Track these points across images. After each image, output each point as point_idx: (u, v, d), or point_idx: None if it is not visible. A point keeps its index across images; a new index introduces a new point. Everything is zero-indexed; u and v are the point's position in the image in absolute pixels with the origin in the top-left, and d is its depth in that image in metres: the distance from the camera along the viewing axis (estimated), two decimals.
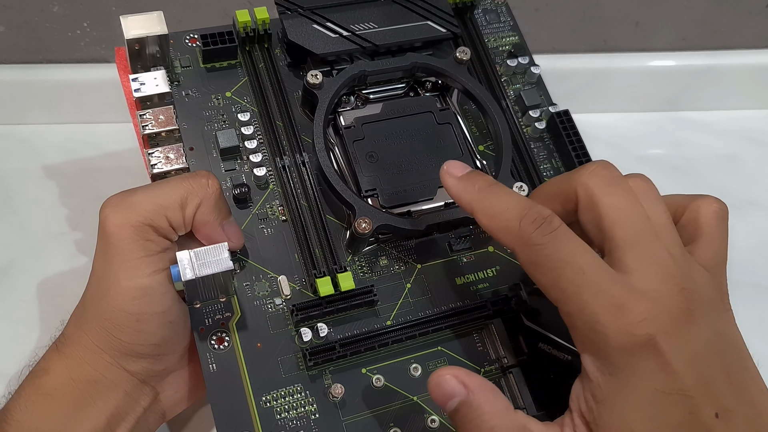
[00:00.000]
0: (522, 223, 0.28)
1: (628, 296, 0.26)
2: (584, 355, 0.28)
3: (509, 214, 0.29)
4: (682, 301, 0.27)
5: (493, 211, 0.29)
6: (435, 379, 0.29)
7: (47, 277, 0.47)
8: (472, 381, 0.28)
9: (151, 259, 0.31)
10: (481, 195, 0.30)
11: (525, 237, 0.28)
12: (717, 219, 0.31)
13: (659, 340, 0.26)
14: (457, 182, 0.31)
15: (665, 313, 0.26)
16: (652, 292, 0.27)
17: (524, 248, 0.28)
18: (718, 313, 0.28)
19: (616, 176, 0.29)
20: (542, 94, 0.43)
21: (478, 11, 0.45)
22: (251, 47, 0.40)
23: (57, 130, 0.55)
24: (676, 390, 0.26)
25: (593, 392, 0.27)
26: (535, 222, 0.28)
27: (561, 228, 0.28)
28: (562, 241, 0.28)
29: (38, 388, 0.32)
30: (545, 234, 0.28)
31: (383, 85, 0.40)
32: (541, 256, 0.28)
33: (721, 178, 0.58)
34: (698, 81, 0.60)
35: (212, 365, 0.33)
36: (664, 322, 0.26)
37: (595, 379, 0.27)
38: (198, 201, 0.32)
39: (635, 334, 0.26)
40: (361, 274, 0.36)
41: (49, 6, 0.51)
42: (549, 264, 0.27)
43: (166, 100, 0.37)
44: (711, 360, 0.27)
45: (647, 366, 0.26)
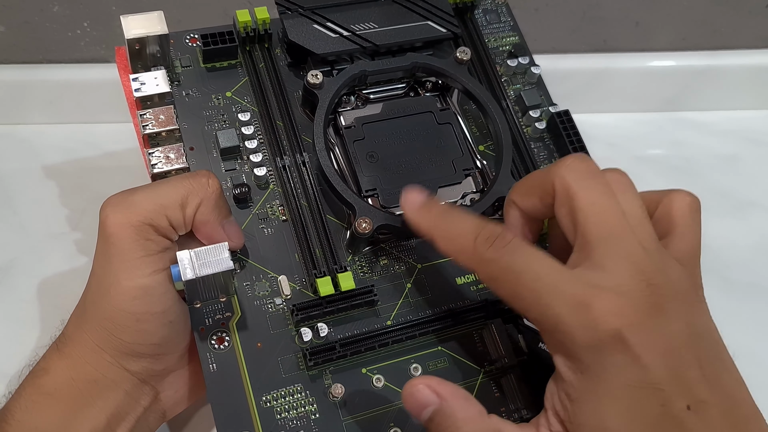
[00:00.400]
0: (477, 242, 0.29)
1: (589, 293, 0.27)
2: (555, 356, 0.28)
3: (464, 235, 0.30)
4: (650, 294, 0.27)
5: (449, 235, 0.31)
6: (408, 389, 0.29)
7: (47, 277, 0.47)
8: (444, 389, 0.29)
9: (152, 259, 0.31)
10: (437, 221, 0.31)
11: (480, 255, 0.29)
12: (690, 212, 0.31)
13: (626, 334, 0.26)
14: (415, 212, 0.32)
15: (631, 306, 0.26)
16: (617, 287, 0.27)
17: (481, 265, 0.29)
18: (691, 306, 0.28)
19: (593, 170, 0.30)
20: (542, 94, 0.43)
21: (478, 11, 0.45)
22: (251, 47, 0.40)
23: (57, 130, 0.55)
24: (646, 383, 0.26)
25: (566, 391, 0.27)
26: (488, 239, 0.29)
27: (514, 241, 0.28)
28: (516, 252, 0.28)
29: (38, 387, 0.32)
30: (498, 248, 0.28)
31: (383, 85, 0.40)
32: (497, 270, 0.28)
33: (721, 178, 0.58)
34: (698, 81, 0.60)
35: (212, 365, 0.33)
36: (630, 315, 0.26)
37: (567, 378, 0.27)
38: (198, 200, 0.32)
39: (600, 329, 0.26)
40: (361, 274, 0.36)
41: (49, 6, 0.51)
42: (506, 276, 0.28)
43: (166, 100, 0.37)
44: (682, 352, 0.27)
45: (616, 361, 0.26)
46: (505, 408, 0.35)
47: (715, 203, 0.56)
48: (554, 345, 0.28)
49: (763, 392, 0.29)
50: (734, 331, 0.30)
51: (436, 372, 0.35)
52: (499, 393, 0.35)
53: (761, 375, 0.29)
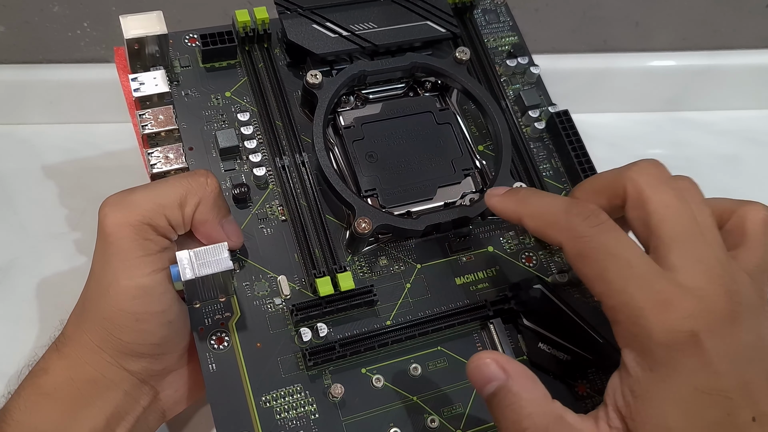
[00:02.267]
0: (569, 215, 0.29)
1: (673, 292, 0.26)
2: (625, 349, 0.28)
3: (555, 209, 0.29)
4: (727, 301, 0.27)
5: (539, 211, 0.30)
6: (475, 362, 0.29)
7: (47, 277, 0.47)
8: (512, 367, 0.28)
9: (151, 259, 0.31)
10: (525, 200, 0.31)
11: (572, 228, 0.28)
12: (764, 227, 0.31)
13: (702, 338, 0.26)
14: (501, 198, 0.32)
15: (710, 311, 0.26)
16: (697, 290, 0.26)
17: (571, 240, 0.29)
18: (760, 318, 0.28)
19: (666, 175, 0.30)
20: (542, 94, 0.43)
21: (477, 11, 0.45)
22: (251, 47, 0.40)
23: (57, 130, 0.55)
24: (716, 390, 0.26)
25: (632, 387, 0.27)
26: (581, 214, 0.28)
27: (608, 221, 0.28)
28: (609, 233, 0.28)
29: (37, 387, 0.32)
30: (592, 226, 0.28)
31: (383, 85, 0.40)
32: (588, 248, 0.28)
33: (721, 178, 0.57)
34: (698, 81, 0.60)
35: (212, 365, 0.33)
36: (709, 320, 0.26)
37: (634, 374, 0.27)
38: (197, 200, 0.32)
39: (679, 330, 0.26)
40: (360, 274, 0.36)
41: (49, 6, 0.51)
42: (596, 255, 0.28)
43: (165, 100, 0.37)
44: (752, 363, 0.26)
45: (689, 363, 0.26)
46: None
47: None
48: (626, 338, 0.27)
49: None
50: None
51: (436, 372, 0.35)
52: None
53: None
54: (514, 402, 0.28)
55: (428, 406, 0.34)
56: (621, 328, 0.28)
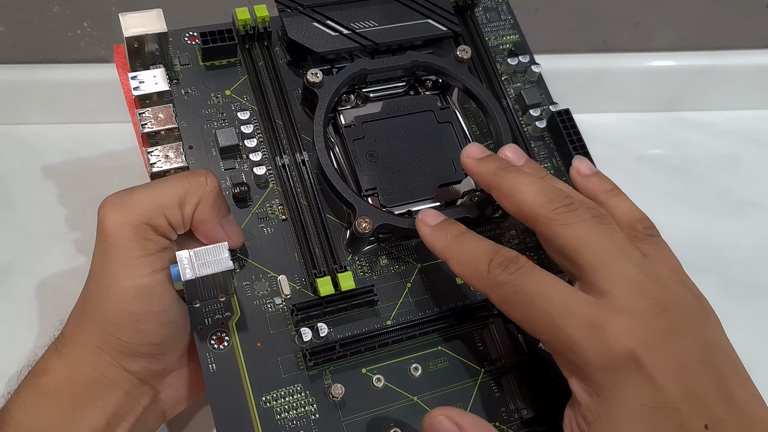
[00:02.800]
0: (491, 266, 0.29)
1: (601, 314, 0.27)
2: (570, 380, 0.28)
3: (478, 259, 0.30)
4: (660, 313, 0.27)
5: (464, 258, 0.31)
6: (428, 420, 0.29)
7: (47, 277, 0.47)
8: (465, 420, 0.28)
9: (151, 259, 0.31)
10: (453, 243, 0.32)
11: (493, 279, 0.29)
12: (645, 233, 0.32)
13: (639, 354, 0.26)
14: (431, 231, 0.33)
15: (643, 326, 0.26)
16: (627, 309, 0.27)
17: (494, 288, 0.29)
18: (701, 320, 0.28)
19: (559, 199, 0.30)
20: (543, 93, 0.43)
21: (478, 9, 0.45)
22: (251, 45, 0.40)
23: (57, 130, 0.55)
24: (663, 403, 0.26)
25: (583, 415, 0.27)
26: (501, 264, 0.29)
27: (527, 265, 0.29)
28: (528, 275, 0.29)
29: (37, 388, 0.32)
30: (511, 272, 0.29)
31: (383, 83, 0.40)
32: (509, 293, 0.29)
33: (721, 178, 0.58)
34: (698, 81, 0.60)
35: (212, 365, 0.33)
36: (643, 334, 0.26)
37: (583, 401, 0.27)
38: (197, 199, 0.32)
39: (614, 350, 0.26)
40: (361, 274, 0.36)
41: (49, 6, 0.51)
42: (518, 299, 0.29)
43: (165, 99, 0.36)
44: (698, 369, 0.26)
45: (631, 381, 0.26)
46: (505, 408, 0.35)
47: (715, 203, 0.56)
48: (568, 367, 0.28)
49: (763, 393, 0.28)
50: (734, 331, 0.30)
51: (436, 372, 0.35)
52: (499, 393, 0.35)
53: (761, 375, 0.29)
54: None
55: (429, 406, 0.34)
56: (560, 359, 0.28)
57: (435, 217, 0.33)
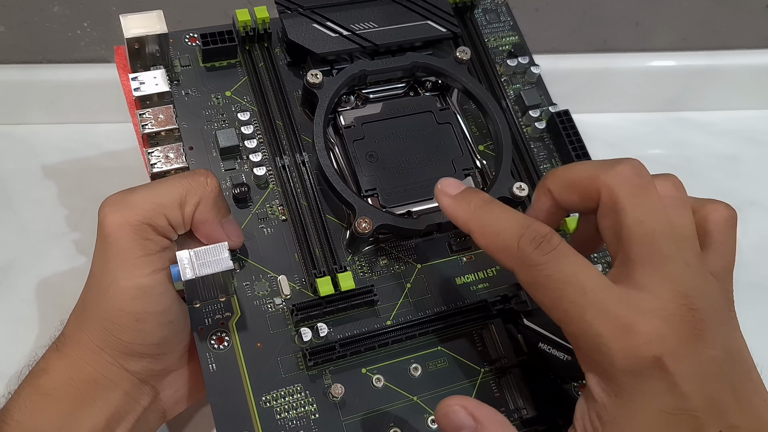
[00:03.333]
0: (520, 243, 0.27)
1: (634, 316, 0.26)
2: (589, 375, 0.27)
3: (507, 233, 0.28)
4: (691, 320, 0.26)
5: (490, 231, 0.29)
6: (443, 409, 0.28)
7: (47, 277, 0.47)
8: (481, 413, 0.28)
9: (151, 259, 0.31)
10: (477, 214, 0.29)
11: (524, 257, 0.27)
12: (727, 226, 0.30)
13: (666, 361, 0.25)
14: (452, 201, 0.30)
15: (673, 333, 0.26)
16: (660, 311, 0.26)
17: (523, 269, 0.27)
18: (726, 326, 0.28)
19: (644, 183, 0.28)
20: (542, 94, 0.43)
21: (478, 11, 0.45)
22: (251, 46, 0.40)
23: (57, 130, 0.55)
24: (682, 410, 0.25)
25: (598, 413, 0.27)
26: (534, 241, 0.27)
27: (561, 246, 0.27)
28: (563, 259, 0.27)
29: (38, 388, 0.32)
30: (545, 253, 0.27)
31: (383, 84, 0.40)
32: (541, 277, 0.27)
33: (721, 178, 0.58)
34: (698, 81, 0.60)
35: (212, 365, 0.33)
36: (672, 342, 0.25)
37: (600, 400, 0.27)
38: (197, 199, 0.32)
39: (642, 355, 0.25)
40: (361, 274, 0.36)
41: (49, 6, 0.51)
42: (550, 284, 0.27)
43: (165, 100, 0.37)
44: (718, 377, 0.26)
45: (653, 387, 0.25)
46: (505, 408, 0.35)
47: None
48: (589, 364, 0.27)
49: None
50: None
51: (436, 372, 0.35)
52: (499, 393, 0.35)
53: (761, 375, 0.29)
54: None
55: (428, 406, 0.34)
56: (583, 354, 0.27)
57: (456, 186, 0.31)
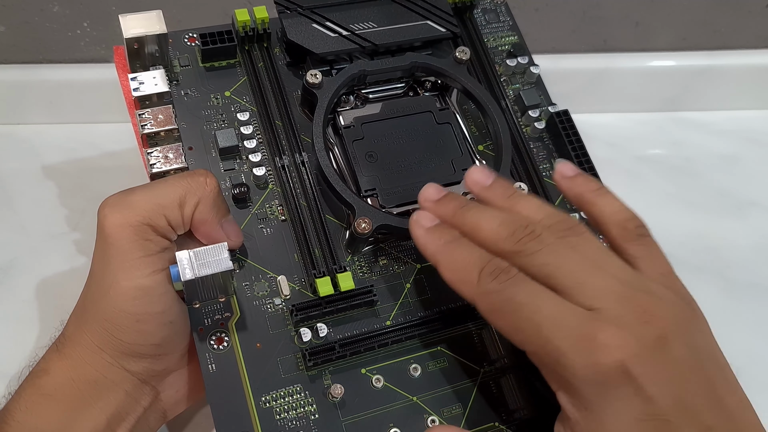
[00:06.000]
0: (481, 274, 0.29)
1: (591, 326, 0.26)
2: (558, 393, 0.27)
3: (469, 267, 0.29)
4: (649, 321, 0.26)
5: (454, 265, 0.30)
6: None
7: (47, 277, 0.47)
8: None
9: (151, 259, 0.31)
10: (445, 248, 0.31)
11: (483, 287, 0.28)
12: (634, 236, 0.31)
13: (629, 366, 0.25)
14: (424, 233, 0.32)
15: (633, 336, 0.26)
16: (615, 320, 0.26)
17: (482, 297, 0.29)
18: (689, 325, 0.28)
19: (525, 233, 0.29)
20: (541, 94, 0.43)
21: (477, 11, 0.45)
22: (250, 46, 0.40)
23: (57, 130, 0.55)
24: (653, 415, 0.25)
25: (573, 430, 0.27)
26: (492, 273, 0.28)
27: (518, 275, 0.28)
28: (519, 285, 0.28)
29: (38, 388, 0.32)
30: (501, 282, 0.28)
31: (383, 84, 0.40)
32: (498, 302, 0.28)
33: (721, 178, 0.58)
34: (698, 81, 0.60)
35: (211, 365, 0.33)
36: (633, 346, 0.26)
37: (572, 416, 0.27)
38: (196, 200, 0.32)
39: (603, 363, 0.25)
40: (360, 274, 0.36)
41: (49, 6, 0.51)
42: (507, 308, 0.28)
43: (165, 100, 0.36)
44: (687, 378, 0.26)
45: (621, 394, 0.25)
46: (504, 408, 0.35)
47: (715, 203, 0.56)
48: (556, 381, 0.27)
49: (763, 393, 0.28)
50: (734, 331, 0.30)
51: (435, 372, 0.35)
52: (498, 393, 0.35)
53: (761, 375, 0.29)
54: None
55: (428, 407, 0.34)
56: (547, 371, 0.28)
57: (430, 219, 0.32)
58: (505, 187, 0.33)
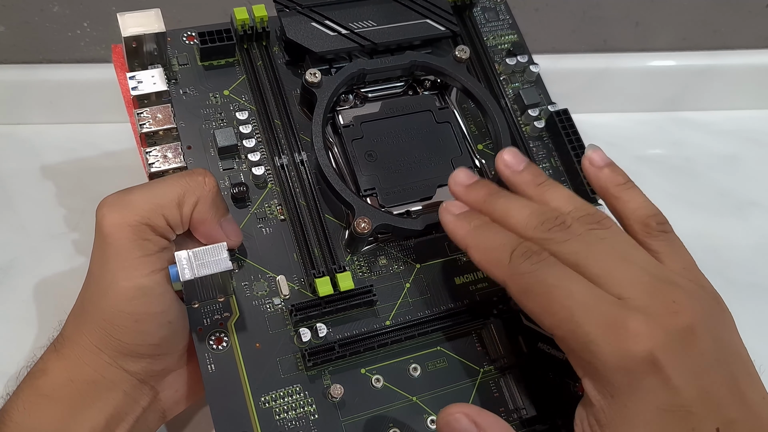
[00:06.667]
0: (513, 255, 0.29)
1: (621, 313, 0.26)
2: (584, 379, 0.27)
3: (501, 248, 0.29)
4: (677, 313, 0.26)
5: (485, 246, 0.30)
6: (444, 417, 0.28)
7: (47, 278, 0.47)
8: (483, 420, 0.28)
9: (149, 259, 0.31)
10: (475, 231, 0.31)
11: (515, 267, 0.28)
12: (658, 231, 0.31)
13: (658, 356, 0.25)
14: (454, 219, 0.32)
15: (661, 327, 0.26)
16: (645, 309, 0.26)
17: (514, 278, 0.29)
18: (716, 318, 0.28)
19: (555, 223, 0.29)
20: (541, 93, 0.43)
21: (477, 9, 0.45)
22: (249, 45, 0.40)
23: (57, 130, 0.55)
24: (677, 406, 0.25)
25: (596, 416, 0.27)
26: (525, 254, 0.28)
27: (550, 258, 0.28)
28: (551, 267, 0.28)
29: (36, 389, 0.32)
30: (534, 263, 0.28)
31: (382, 83, 0.40)
32: (530, 283, 0.28)
33: (721, 178, 0.58)
34: (698, 81, 0.60)
35: (211, 366, 0.33)
36: (662, 336, 0.26)
37: (597, 402, 0.27)
38: (195, 199, 0.32)
39: (633, 351, 0.25)
40: (360, 274, 0.36)
41: (49, 6, 0.51)
42: (538, 289, 0.28)
43: (163, 99, 0.36)
44: (712, 370, 0.26)
45: (648, 384, 0.26)
46: (504, 408, 0.34)
47: (715, 203, 0.56)
48: (582, 367, 0.27)
49: None
50: None
51: (435, 372, 0.35)
52: (498, 393, 0.35)
53: (761, 375, 0.29)
54: None
55: (428, 407, 0.34)
56: (575, 357, 0.28)
57: (459, 207, 0.32)
58: (536, 174, 0.33)
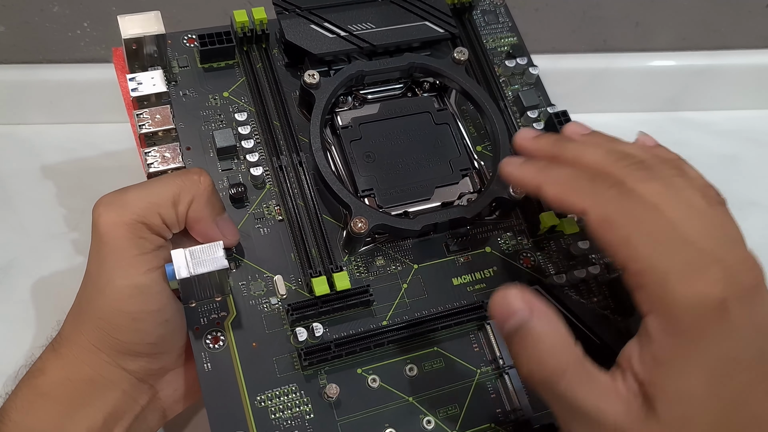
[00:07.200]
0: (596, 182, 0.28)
1: (703, 258, 0.26)
2: (649, 316, 0.27)
3: (580, 177, 0.28)
4: (751, 269, 0.26)
5: (561, 179, 0.29)
6: (501, 294, 0.28)
7: (47, 277, 0.48)
8: (537, 304, 0.28)
9: (146, 257, 0.31)
10: (546, 169, 0.30)
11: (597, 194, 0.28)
12: None
13: (730, 306, 0.25)
14: (518, 167, 0.31)
15: (737, 278, 0.26)
16: (723, 258, 0.26)
17: (596, 205, 0.28)
18: None
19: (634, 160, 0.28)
20: (540, 95, 0.43)
21: (476, 12, 0.45)
22: (249, 47, 0.40)
23: (57, 130, 0.55)
24: (739, 359, 0.25)
25: (654, 353, 0.26)
26: (606, 182, 0.28)
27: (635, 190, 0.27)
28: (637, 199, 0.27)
29: (35, 388, 0.32)
30: (620, 192, 0.27)
31: (381, 85, 0.40)
32: (613, 212, 0.27)
33: (721, 178, 0.57)
34: (698, 81, 0.60)
35: (207, 365, 0.33)
36: (737, 287, 0.25)
37: (658, 340, 0.26)
38: (190, 197, 0.32)
39: (708, 296, 0.25)
40: (357, 274, 0.36)
41: (49, 6, 0.51)
42: (622, 220, 0.27)
43: (163, 100, 0.37)
44: None
45: (715, 331, 0.25)
46: (501, 409, 0.35)
47: None
48: (651, 303, 0.27)
49: None
50: None
51: (432, 372, 0.35)
52: (495, 394, 0.35)
53: None
54: (535, 345, 0.27)
55: (424, 407, 0.34)
56: (645, 292, 0.27)
57: (519, 159, 0.32)
58: (608, 136, 0.32)
